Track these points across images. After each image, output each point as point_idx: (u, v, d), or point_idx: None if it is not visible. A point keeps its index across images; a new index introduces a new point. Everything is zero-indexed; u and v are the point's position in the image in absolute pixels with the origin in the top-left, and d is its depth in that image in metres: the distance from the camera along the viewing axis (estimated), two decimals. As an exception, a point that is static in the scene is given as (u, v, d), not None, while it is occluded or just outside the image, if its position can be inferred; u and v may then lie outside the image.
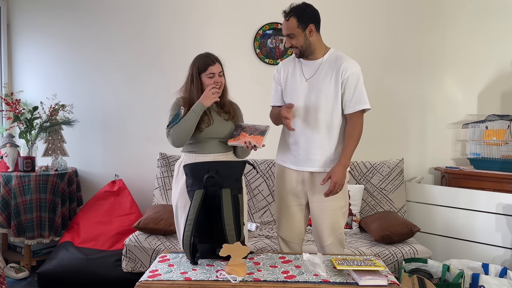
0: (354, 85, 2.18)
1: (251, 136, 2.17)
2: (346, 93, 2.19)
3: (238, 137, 2.20)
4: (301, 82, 2.25)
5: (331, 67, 2.21)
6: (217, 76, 2.21)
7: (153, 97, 3.77)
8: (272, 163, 3.46)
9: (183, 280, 1.70)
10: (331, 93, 2.19)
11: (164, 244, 2.89)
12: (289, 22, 2.18)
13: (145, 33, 3.76)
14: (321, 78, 2.21)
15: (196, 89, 2.21)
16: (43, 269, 3.04)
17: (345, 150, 2.20)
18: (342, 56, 2.23)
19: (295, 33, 2.18)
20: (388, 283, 1.70)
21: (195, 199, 1.91)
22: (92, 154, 3.83)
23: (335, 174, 2.14)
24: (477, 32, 3.60)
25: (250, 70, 3.70)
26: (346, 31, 3.66)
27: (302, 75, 2.26)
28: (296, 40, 2.19)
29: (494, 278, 2.46)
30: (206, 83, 2.21)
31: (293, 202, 2.32)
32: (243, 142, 2.16)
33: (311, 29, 2.19)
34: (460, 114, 3.65)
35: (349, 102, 2.19)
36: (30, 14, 3.80)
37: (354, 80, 2.18)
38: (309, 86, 2.23)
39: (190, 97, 2.23)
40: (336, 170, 2.15)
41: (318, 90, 2.20)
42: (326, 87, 2.19)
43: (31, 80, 3.83)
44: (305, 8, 2.19)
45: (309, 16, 2.18)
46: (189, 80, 2.24)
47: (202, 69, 2.20)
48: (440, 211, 3.23)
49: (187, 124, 2.15)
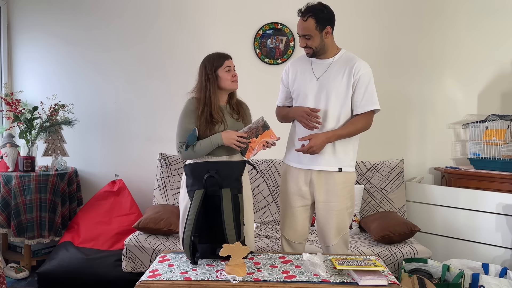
0: (365, 86, 2.19)
1: (260, 137, 2.16)
2: (357, 93, 2.20)
3: (251, 147, 2.17)
4: (311, 81, 2.26)
5: (342, 67, 2.22)
6: (233, 70, 2.23)
7: (153, 97, 3.77)
8: (272, 163, 3.46)
9: (183, 280, 1.70)
10: (342, 91, 2.20)
11: (164, 244, 2.89)
12: (307, 22, 2.17)
13: (145, 33, 3.76)
14: (332, 77, 2.21)
15: (213, 86, 2.19)
16: (43, 269, 3.04)
17: (339, 129, 2.20)
18: (354, 57, 2.25)
19: (312, 34, 2.18)
20: (388, 283, 1.70)
21: (195, 199, 1.91)
22: (92, 154, 3.83)
23: (315, 140, 2.13)
24: (477, 32, 3.60)
25: (250, 70, 3.70)
26: (346, 31, 3.65)
27: (313, 74, 2.27)
28: (312, 41, 2.19)
29: (494, 278, 2.46)
30: (224, 77, 2.20)
31: (298, 203, 2.32)
32: (261, 147, 2.16)
33: (328, 31, 2.20)
34: (460, 114, 3.65)
35: (359, 102, 2.20)
36: (30, 14, 3.80)
37: (366, 81, 2.20)
38: (320, 84, 2.23)
39: (205, 96, 2.19)
40: (319, 137, 2.14)
41: (328, 88, 2.21)
42: (337, 86, 2.20)
43: (31, 80, 3.83)
44: (323, 10, 2.19)
45: (326, 18, 2.19)
46: (204, 78, 2.21)
47: (219, 65, 2.20)
48: (440, 211, 3.23)
49: (201, 151, 2.15)
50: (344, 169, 2.23)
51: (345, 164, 2.24)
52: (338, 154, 2.23)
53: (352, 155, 2.28)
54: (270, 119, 2.29)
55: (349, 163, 2.26)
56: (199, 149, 2.14)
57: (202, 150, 2.14)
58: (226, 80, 2.20)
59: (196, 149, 2.14)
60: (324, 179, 2.24)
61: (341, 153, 2.24)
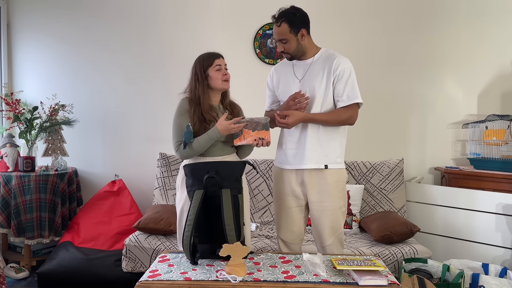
0: (345, 80, 2.19)
1: (256, 132, 2.15)
2: (337, 88, 2.20)
3: (243, 136, 2.16)
4: (293, 83, 2.28)
5: (322, 65, 2.23)
6: (224, 69, 2.23)
7: (153, 97, 3.77)
8: (272, 163, 3.46)
9: (183, 280, 1.70)
10: (323, 88, 2.21)
11: (164, 244, 2.89)
12: (280, 27, 2.19)
13: (145, 33, 3.76)
14: (312, 76, 2.23)
15: (202, 87, 2.20)
16: (43, 269, 3.04)
17: (319, 114, 2.20)
18: (334, 53, 2.25)
19: (287, 38, 2.20)
20: (388, 283, 1.70)
21: (195, 199, 1.91)
22: (92, 154, 3.83)
23: (292, 116, 2.13)
24: (477, 32, 3.60)
25: (250, 70, 3.70)
26: (346, 31, 3.66)
27: (295, 76, 2.29)
28: (289, 45, 2.22)
29: (494, 278, 2.46)
30: (215, 77, 2.20)
31: (293, 203, 2.32)
32: (253, 140, 2.15)
33: (303, 33, 2.21)
34: (460, 114, 3.65)
35: (341, 97, 2.20)
36: (30, 14, 3.80)
37: (346, 75, 2.19)
38: (302, 85, 2.25)
39: (195, 96, 2.21)
40: (296, 114, 2.14)
41: (310, 87, 2.22)
42: (318, 84, 2.21)
43: (31, 80, 3.83)
44: (295, 13, 2.20)
45: (300, 21, 2.20)
46: (194, 79, 2.23)
47: (209, 64, 2.21)
48: (440, 211, 3.23)
49: (200, 147, 2.15)
50: (330, 166, 2.23)
51: (331, 161, 2.24)
52: (323, 151, 2.23)
53: (340, 152, 2.27)
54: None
55: (335, 160, 2.25)
56: (197, 145, 2.14)
57: (200, 146, 2.14)
58: (216, 79, 2.20)
59: (195, 146, 2.14)
60: (316, 179, 2.24)
61: (327, 150, 2.23)
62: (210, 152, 2.21)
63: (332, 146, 2.25)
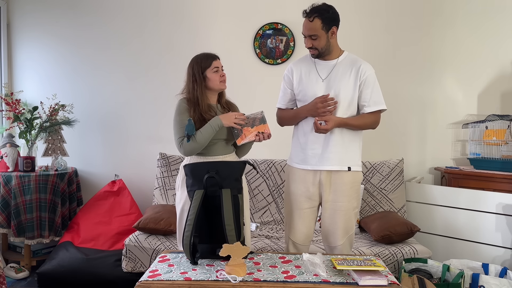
0: (371, 86, 2.23)
1: (255, 128, 2.17)
2: (364, 93, 2.23)
3: (244, 134, 2.18)
4: (317, 82, 2.26)
5: (348, 68, 2.24)
6: (221, 70, 2.25)
7: (153, 97, 3.77)
8: (272, 163, 3.46)
9: (183, 280, 1.70)
10: (349, 92, 2.22)
11: (164, 244, 2.89)
12: (313, 23, 2.17)
13: (145, 33, 3.76)
14: (338, 78, 2.23)
15: (200, 88, 2.21)
16: (43, 269, 3.04)
17: (351, 119, 2.22)
18: (358, 59, 2.28)
19: (318, 34, 2.18)
20: (388, 283, 1.70)
21: (195, 199, 1.91)
22: (92, 154, 3.83)
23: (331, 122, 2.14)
24: (477, 32, 3.60)
25: (250, 70, 3.70)
26: (346, 31, 3.65)
27: (318, 75, 2.28)
28: (319, 42, 2.20)
29: (494, 278, 2.46)
30: (212, 78, 2.21)
31: (306, 205, 2.31)
32: (254, 136, 2.17)
33: (333, 31, 2.21)
34: (460, 114, 3.65)
35: (368, 102, 2.23)
36: (30, 14, 3.80)
37: (372, 81, 2.23)
38: (326, 85, 2.24)
39: (194, 97, 2.22)
40: (334, 119, 2.16)
41: (336, 89, 2.22)
42: (344, 86, 2.22)
43: (31, 80, 3.83)
44: (328, 10, 2.20)
45: (332, 18, 2.20)
46: (191, 80, 2.23)
47: (206, 66, 2.21)
48: (440, 211, 3.23)
49: (203, 139, 2.14)
50: (353, 168, 2.25)
51: (354, 164, 2.26)
52: (348, 153, 2.25)
53: (359, 155, 2.31)
54: (269, 119, 2.28)
55: (357, 162, 2.28)
56: (200, 137, 2.14)
57: (203, 137, 2.14)
58: (214, 81, 2.22)
59: (198, 138, 2.14)
60: (333, 179, 2.25)
61: (351, 152, 2.26)
62: (212, 151, 2.22)
63: (354, 148, 2.27)
